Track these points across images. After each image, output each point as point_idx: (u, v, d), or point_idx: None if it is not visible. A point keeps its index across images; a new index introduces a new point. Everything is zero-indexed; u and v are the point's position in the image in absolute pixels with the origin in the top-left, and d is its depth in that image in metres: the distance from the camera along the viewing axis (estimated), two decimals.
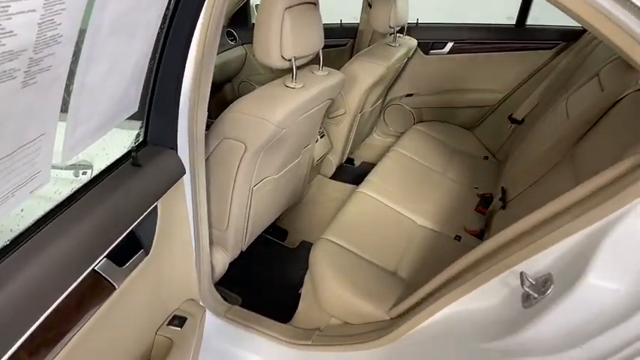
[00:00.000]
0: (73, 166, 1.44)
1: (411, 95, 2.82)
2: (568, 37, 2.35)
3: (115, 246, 0.81)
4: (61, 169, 1.43)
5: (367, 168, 2.79)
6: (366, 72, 2.10)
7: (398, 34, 2.32)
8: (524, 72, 2.48)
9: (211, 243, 1.58)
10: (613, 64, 1.55)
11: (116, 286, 0.85)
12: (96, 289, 0.80)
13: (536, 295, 0.91)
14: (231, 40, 2.85)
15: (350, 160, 2.92)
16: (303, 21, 1.37)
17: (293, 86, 1.41)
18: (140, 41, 0.76)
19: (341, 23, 2.88)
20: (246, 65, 3.01)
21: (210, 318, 1.50)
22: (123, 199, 0.83)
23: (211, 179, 1.46)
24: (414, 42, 2.43)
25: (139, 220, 0.87)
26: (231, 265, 1.69)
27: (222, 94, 3.16)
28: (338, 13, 2.86)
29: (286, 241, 2.20)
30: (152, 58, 0.91)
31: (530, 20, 2.46)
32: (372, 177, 2.03)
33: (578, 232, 0.90)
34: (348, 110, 2.19)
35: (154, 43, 0.84)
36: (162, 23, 0.86)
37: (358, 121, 2.33)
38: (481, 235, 1.80)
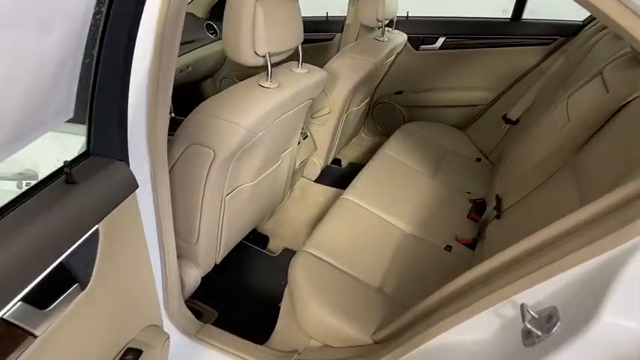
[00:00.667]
0: (17, 176, 1.30)
1: (400, 93, 2.68)
2: (567, 31, 2.22)
3: (36, 285, 0.66)
4: (3, 178, 1.29)
5: (355, 169, 2.66)
6: (352, 69, 1.96)
7: (387, 28, 2.19)
8: (520, 69, 2.36)
9: (181, 257, 1.45)
10: (618, 62, 1.42)
11: (36, 334, 0.70)
12: (5, 342, 0.65)
13: (539, 333, 0.78)
14: (212, 34, 2.69)
15: (337, 161, 2.79)
16: (278, 13, 1.23)
17: (268, 86, 1.27)
18: (61, 35, 0.62)
19: (327, 16, 2.73)
20: (228, 60, 2.86)
21: (179, 339, 1.37)
22: (49, 225, 0.69)
23: (178, 189, 1.32)
24: (403, 37, 2.29)
25: (71, 250, 0.73)
26: (208, 274, 1.56)
27: (203, 92, 3.01)
28: (324, 4, 2.71)
29: (267, 248, 2.06)
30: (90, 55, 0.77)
31: (527, 14, 2.32)
32: (357, 182, 1.90)
33: (587, 260, 0.77)
34: (333, 110, 2.05)
35: (86, 36, 0.70)
36: (98, 13, 0.72)
37: (344, 120, 2.20)
38: (473, 245, 1.68)
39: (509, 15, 2.36)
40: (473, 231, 1.76)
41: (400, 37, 2.25)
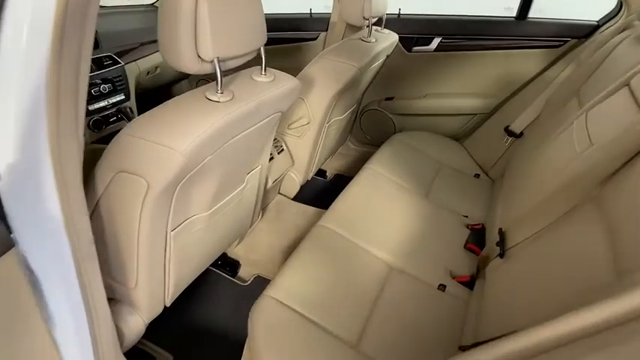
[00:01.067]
0: None
1: (391, 99, 2.43)
2: (579, 33, 1.97)
3: None
4: None
5: (341, 181, 2.42)
6: (333, 74, 1.70)
7: (375, 28, 1.93)
8: (525, 74, 2.10)
9: (120, 302, 1.20)
10: None
11: None
12: None
13: None
14: None
15: (322, 172, 2.54)
16: (230, 7, 0.97)
17: (217, 99, 1.01)
18: None
19: (310, 13, 2.47)
20: None
21: None
22: None
23: (108, 224, 1.06)
24: (394, 37, 2.03)
25: None
26: (165, 308, 1.32)
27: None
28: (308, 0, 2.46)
29: (237, 275, 1.80)
30: None
31: (534, 12, 2.06)
32: (337, 204, 1.64)
33: None
34: (312, 120, 1.80)
35: None
36: None
37: (326, 131, 1.94)
38: (471, 284, 1.42)
39: (513, 13, 2.10)
40: (471, 265, 1.51)
41: (390, 38, 1.99)
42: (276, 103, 1.19)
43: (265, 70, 1.17)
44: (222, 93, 1.01)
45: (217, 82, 1.00)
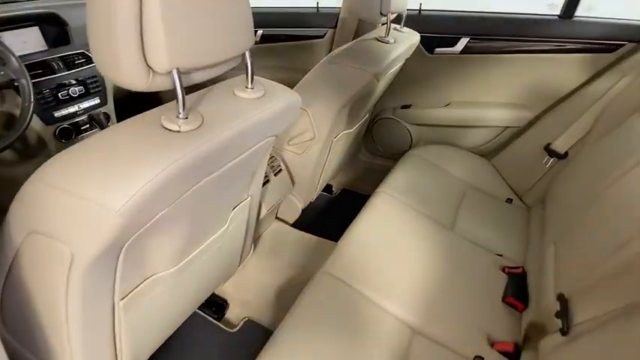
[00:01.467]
0: None
1: (408, 107, 2.11)
2: (639, 36, 1.64)
3: None
4: None
5: (348, 198, 2.12)
6: (343, 81, 1.39)
7: (394, 26, 1.62)
8: (570, 83, 1.78)
9: None
10: None
11: None
12: None
13: None
14: None
15: (327, 187, 2.23)
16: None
17: (176, 127, 0.69)
18: None
19: (317, 7, 2.15)
20: None
21: None
22: None
23: (25, 297, 0.76)
24: (415, 37, 1.71)
25: None
26: None
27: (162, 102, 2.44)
28: None
29: (224, 318, 1.51)
30: None
31: (582, 10, 1.73)
32: (345, 243, 1.34)
33: None
34: (317, 135, 1.49)
35: None
36: None
37: (333, 146, 1.63)
38: (516, 356, 1.11)
39: (557, 11, 1.78)
40: (512, 327, 1.20)
41: (411, 38, 1.67)
42: (267, 126, 0.88)
43: (252, 82, 0.85)
44: (185, 118, 0.70)
45: (178, 103, 0.69)
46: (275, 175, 1.51)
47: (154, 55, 0.62)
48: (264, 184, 1.45)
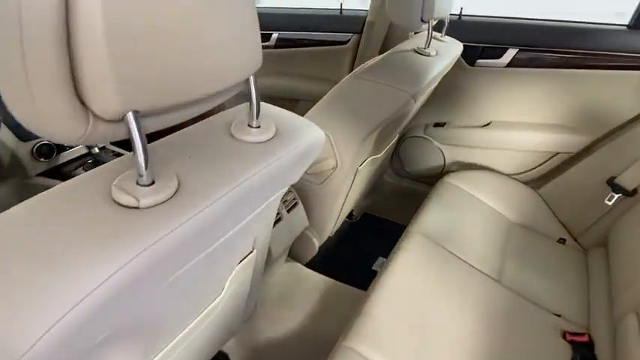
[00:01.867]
0: None
1: (441, 125, 1.85)
2: None
3: None
4: None
5: (370, 223, 1.87)
6: (375, 102, 1.14)
7: (435, 34, 1.36)
8: (636, 105, 1.51)
9: None
10: None
11: None
12: None
13: None
14: None
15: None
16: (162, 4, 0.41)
17: (134, 201, 0.45)
18: None
19: (340, 9, 1.90)
20: None
21: None
22: None
23: None
24: (458, 47, 1.45)
25: None
26: None
27: None
28: None
29: None
30: None
31: None
32: (370, 307, 1.09)
33: None
34: (340, 164, 1.24)
35: None
36: None
37: (358, 175, 1.39)
38: None
39: (625, 20, 1.51)
40: None
41: (454, 49, 1.41)
42: (278, 180, 0.63)
43: (258, 116, 0.60)
44: (148, 185, 0.46)
45: (137, 161, 0.44)
46: (288, 211, 1.26)
47: (92, 93, 0.38)
48: (275, 223, 1.21)
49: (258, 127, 0.61)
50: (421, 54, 1.27)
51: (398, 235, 1.37)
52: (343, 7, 1.89)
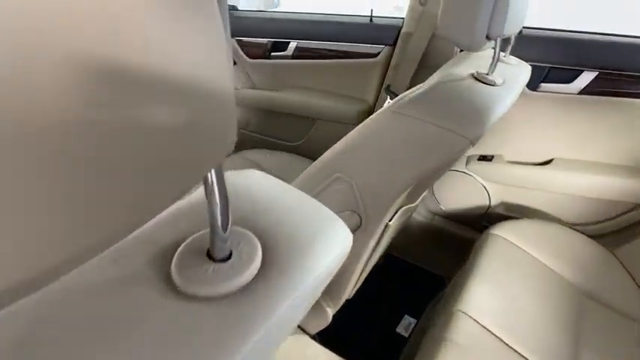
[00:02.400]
0: None
1: (489, 159, 1.52)
2: None
3: None
4: None
5: (395, 267, 1.58)
6: (419, 148, 0.83)
7: (501, 54, 1.04)
8: None
9: None
10: None
11: None
12: None
13: None
14: None
15: None
16: None
17: None
18: None
19: (371, 16, 1.59)
20: None
21: None
22: None
23: None
24: (526, 71, 1.12)
25: None
26: None
27: None
28: None
29: None
30: None
31: None
32: None
33: None
34: (364, 221, 0.93)
35: None
36: None
37: (387, 231, 1.07)
38: None
39: None
40: None
41: (522, 73, 1.09)
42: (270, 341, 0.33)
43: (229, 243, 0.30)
44: None
45: None
46: None
47: None
48: None
49: (227, 258, 0.31)
50: (483, 82, 0.94)
51: (427, 285, 1.06)
52: (374, 15, 1.58)
